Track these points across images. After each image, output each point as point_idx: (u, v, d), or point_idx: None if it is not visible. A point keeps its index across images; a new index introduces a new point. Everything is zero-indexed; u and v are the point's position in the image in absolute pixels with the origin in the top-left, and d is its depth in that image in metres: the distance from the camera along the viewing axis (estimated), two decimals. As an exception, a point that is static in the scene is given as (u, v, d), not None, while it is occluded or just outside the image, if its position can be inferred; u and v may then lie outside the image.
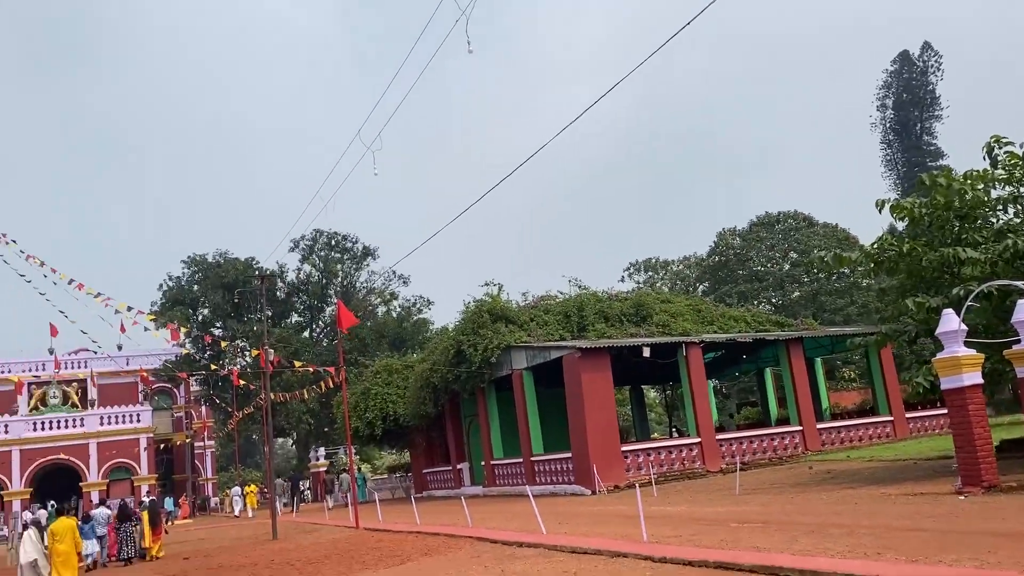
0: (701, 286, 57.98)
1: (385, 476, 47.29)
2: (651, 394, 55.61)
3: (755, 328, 31.76)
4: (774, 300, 53.32)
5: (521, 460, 28.85)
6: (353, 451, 54.04)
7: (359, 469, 44.72)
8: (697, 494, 20.49)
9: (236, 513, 41.92)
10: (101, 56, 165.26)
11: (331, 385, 32.56)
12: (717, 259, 55.91)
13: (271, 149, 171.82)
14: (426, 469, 38.29)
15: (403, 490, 42.23)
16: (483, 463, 31.91)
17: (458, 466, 34.54)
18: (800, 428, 28.43)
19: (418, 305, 58.51)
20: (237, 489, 44.05)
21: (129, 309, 28.52)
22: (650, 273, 62.41)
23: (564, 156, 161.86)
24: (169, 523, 39.33)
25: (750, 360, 34.93)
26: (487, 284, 32.77)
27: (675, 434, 39.76)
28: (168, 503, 42.37)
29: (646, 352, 25.87)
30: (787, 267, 53.55)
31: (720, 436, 27.48)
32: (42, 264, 29.69)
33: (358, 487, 37.16)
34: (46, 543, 15.96)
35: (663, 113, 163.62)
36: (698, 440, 26.40)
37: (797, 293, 52.72)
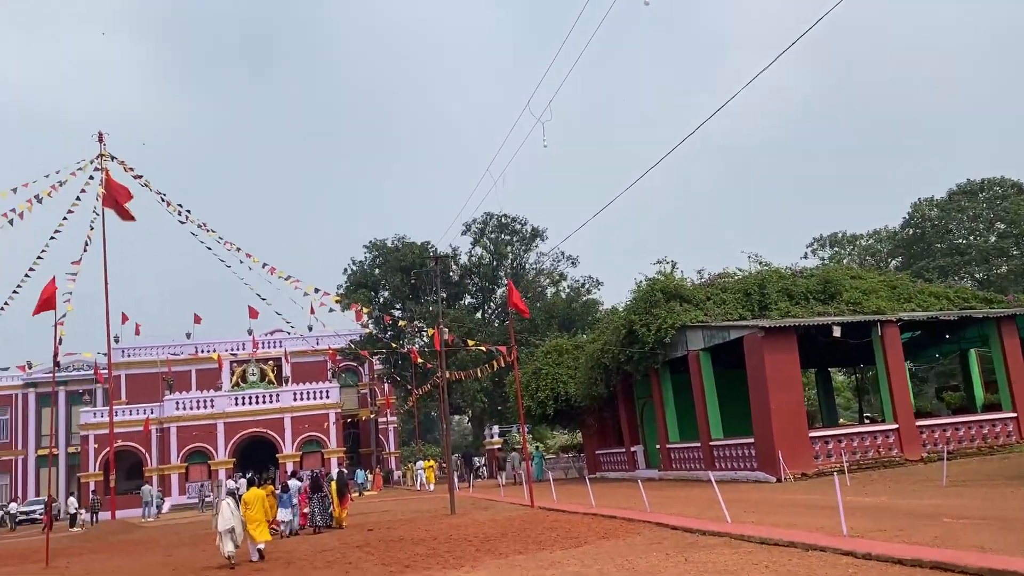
0: (893, 261, 53.85)
1: (555, 456, 47.41)
2: (838, 377, 52.39)
3: (959, 305, 28.88)
4: (978, 275, 48.66)
5: (699, 444, 27.83)
6: (526, 430, 54.88)
7: (536, 448, 45.03)
8: (897, 484, 18.82)
9: (418, 487, 43.49)
10: (288, 49, 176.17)
11: (503, 364, 32.77)
12: (912, 232, 51.68)
13: (446, 134, 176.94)
14: (599, 450, 37.95)
15: (575, 470, 42.13)
16: (658, 446, 31.13)
17: (632, 448, 33.92)
18: (1014, 415, 25.65)
19: (587, 286, 58.12)
20: (421, 463, 45.71)
21: (316, 291, 30.01)
22: (836, 248, 58.68)
23: (741, 127, 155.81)
24: (359, 494, 41.45)
25: (952, 340, 31.88)
26: (659, 262, 31.77)
27: (866, 420, 37.14)
28: (360, 475, 44.53)
29: (836, 332, 24.11)
30: (993, 239, 48.63)
31: (920, 422, 25.22)
32: (238, 250, 31.82)
33: (535, 466, 37.42)
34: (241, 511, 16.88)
35: (852, 79, 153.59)
36: (895, 426, 24.37)
37: (1005, 267, 47.82)
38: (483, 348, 30.47)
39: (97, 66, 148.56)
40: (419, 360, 35.50)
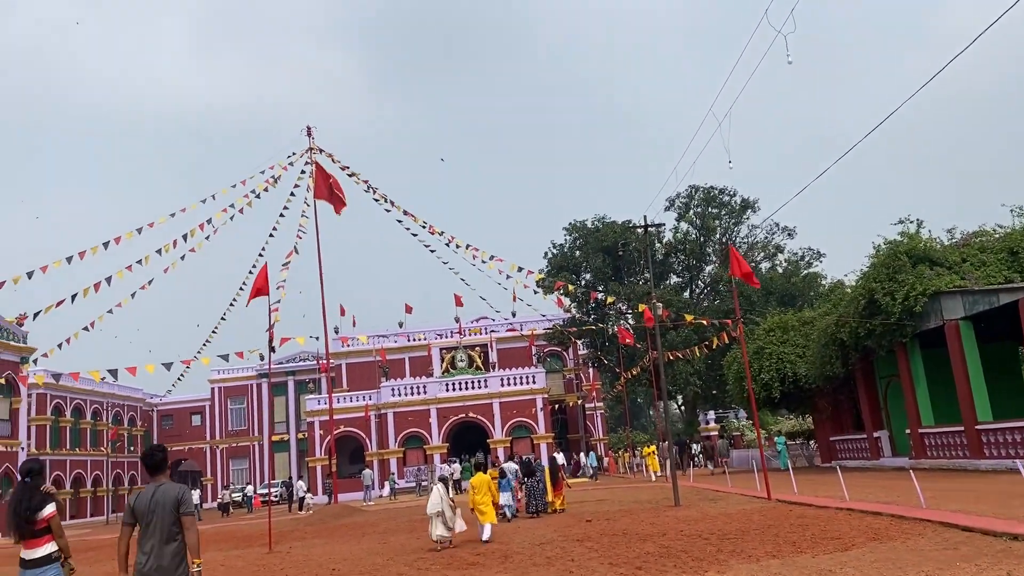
0: None
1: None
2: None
3: None
4: None
5: (961, 428, 23.90)
6: (744, 415, 51.43)
7: (779, 434, 41.72)
8: None
9: (632, 473, 41.81)
10: (484, 44, 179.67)
11: (720, 344, 30.20)
12: None
13: (642, 112, 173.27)
14: (833, 436, 34.28)
15: (804, 458, 38.57)
16: (907, 431, 27.29)
17: (875, 434, 30.13)
18: None
19: (807, 258, 53.50)
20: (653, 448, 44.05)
21: (519, 270, 29.02)
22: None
23: (978, 73, 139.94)
24: (594, 478, 40.53)
25: None
26: (901, 222, 27.78)
27: None
28: (591, 458, 43.36)
29: None
30: None
31: None
32: (441, 234, 31.51)
33: (780, 455, 34.47)
34: (451, 496, 16.88)
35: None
36: None
37: None
38: (703, 321, 27.99)
39: (309, 77, 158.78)
40: (627, 341, 33.59)
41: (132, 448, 64.22)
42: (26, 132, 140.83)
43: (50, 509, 6.64)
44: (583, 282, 52.58)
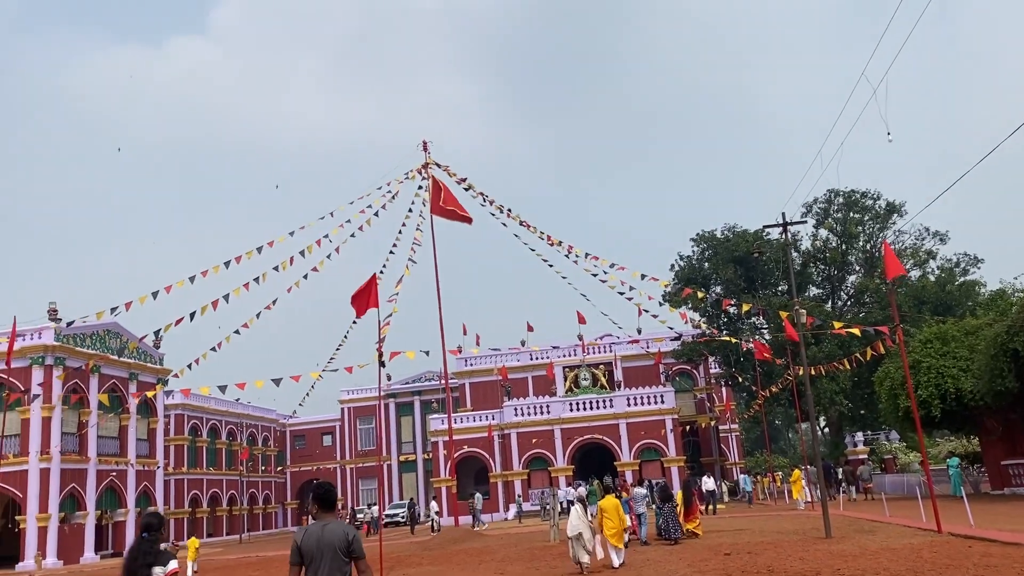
0: None
1: (942, 467, 39.55)
2: None
3: None
4: None
5: None
6: (897, 437, 47.05)
7: (951, 455, 37.73)
8: None
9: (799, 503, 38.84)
10: (600, 64, 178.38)
11: (873, 355, 27.22)
12: None
13: (766, 122, 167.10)
14: (1006, 460, 30.36)
15: (970, 484, 34.49)
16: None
17: (1059, 458, 26.32)
18: None
19: (962, 265, 48.83)
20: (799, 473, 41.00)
21: (643, 278, 27.21)
22: None
23: None
24: (748, 502, 38.14)
25: None
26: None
27: None
28: (746, 481, 40.55)
29: None
30: None
31: None
32: (559, 243, 30.07)
33: (952, 480, 30.90)
34: (591, 517, 16.76)
35: None
36: None
37: None
38: (854, 330, 25.19)
39: (431, 105, 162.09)
40: (765, 356, 30.98)
41: (264, 468, 65.82)
42: (185, 168, 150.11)
43: (172, 566, 6.35)
44: (713, 296, 49.92)
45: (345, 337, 28.74)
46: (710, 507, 33.39)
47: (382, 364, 19.54)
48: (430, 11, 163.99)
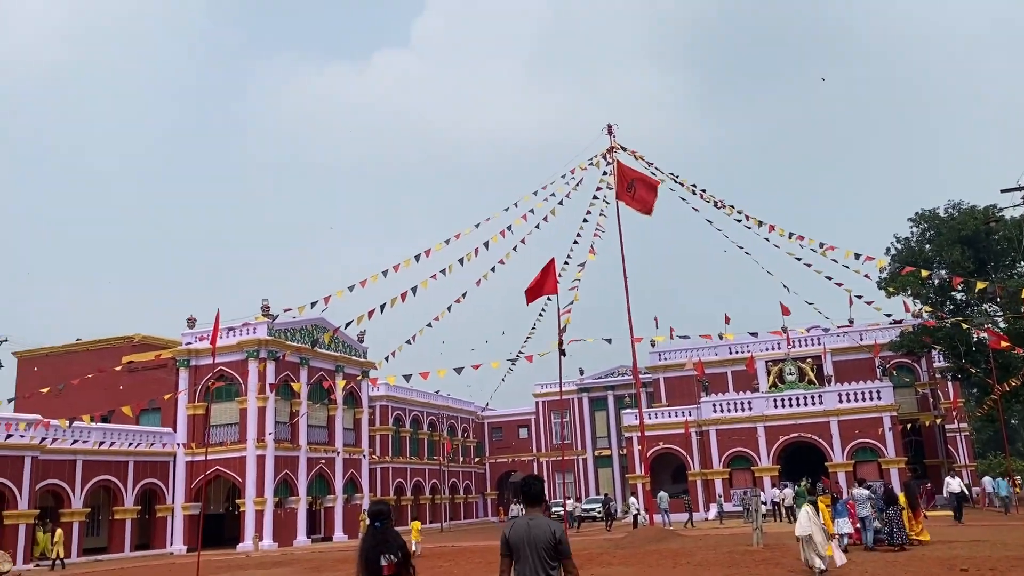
0: None
1: None
2: None
3: None
4: None
5: None
6: None
7: None
8: None
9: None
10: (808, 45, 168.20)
11: None
12: None
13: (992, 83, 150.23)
14: None
15: None
16: None
17: None
18: None
19: None
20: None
21: (857, 257, 24.49)
22: None
23: None
24: (1006, 511, 33.77)
25: None
26: None
27: None
28: (1001, 485, 35.95)
29: None
30: None
31: None
32: (760, 224, 27.84)
33: None
34: (820, 520, 15.89)
35: None
36: None
37: None
38: None
39: (629, 99, 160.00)
40: (1003, 345, 27.06)
41: (464, 459, 67.37)
42: (390, 174, 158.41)
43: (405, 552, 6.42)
44: (936, 280, 44.91)
45: (533, 328, 28.17)
46: (952, 513, 29.82)
47: (562, 353, 18.71)
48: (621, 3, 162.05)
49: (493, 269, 32.40)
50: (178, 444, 41.72)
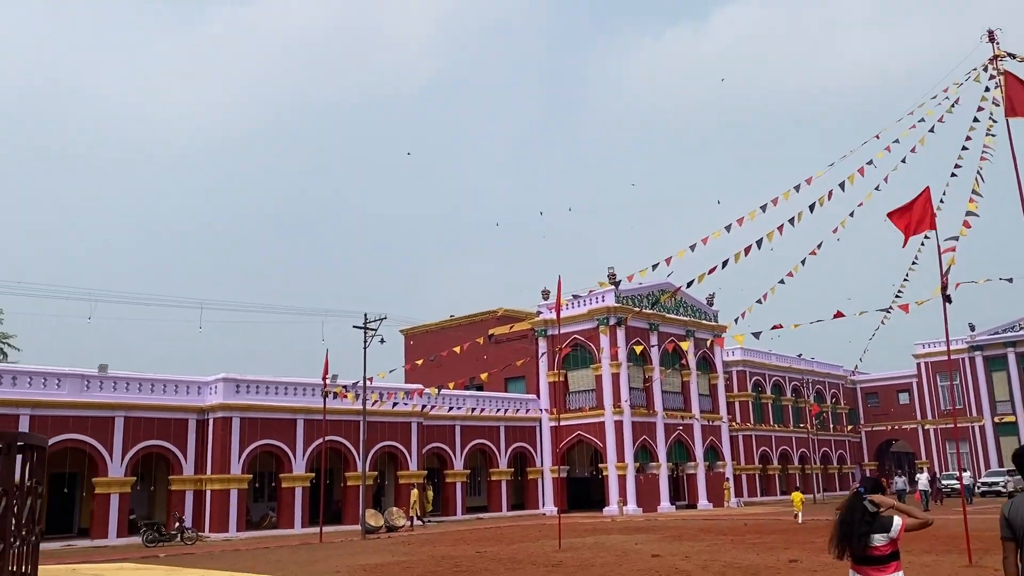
0: None
1: None
2: None
3: None
4: None
5: None
6: None
7: None
8: None
9: None
10: None
11: None
12: None
13: None
14: None
15: None
16: None
17: None
18: None
19: None
20: None
21: None
22: None
23: None
24: None
25: None
26: None
27: None
28: None
29: None
30: None
31: None
32: None
33: None
34: None
35: None
36: None
37: None
38: None
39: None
40: None
41: (836, 426, 62.32)
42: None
43: (897, 524, 5.64)
44: None
45: (906, 278, 24.35)
46: None
47: (947, 299, 15.58)
48: None
49: (852, 214, 28.87)
50: (541, 410, 43.72)
